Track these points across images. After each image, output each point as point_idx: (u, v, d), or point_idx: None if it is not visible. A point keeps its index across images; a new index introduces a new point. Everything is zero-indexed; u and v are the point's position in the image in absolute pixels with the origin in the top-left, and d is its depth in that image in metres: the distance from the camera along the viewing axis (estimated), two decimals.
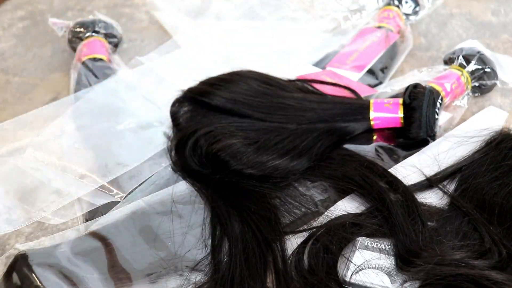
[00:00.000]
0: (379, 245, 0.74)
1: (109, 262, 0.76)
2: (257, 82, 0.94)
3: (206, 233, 0.79)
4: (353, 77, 1.01)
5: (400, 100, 0.89)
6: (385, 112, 0.89)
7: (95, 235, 0.79)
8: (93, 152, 0.93)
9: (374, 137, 0.92)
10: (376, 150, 0.89)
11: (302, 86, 0.98)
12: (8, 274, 0.75)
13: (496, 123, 0.90)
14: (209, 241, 0.78)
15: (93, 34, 1.08)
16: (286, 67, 1.04)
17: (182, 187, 0.86)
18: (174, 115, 0.95)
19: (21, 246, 0.78)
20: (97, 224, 0.82)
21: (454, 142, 0.88)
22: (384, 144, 0.90)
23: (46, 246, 0.78)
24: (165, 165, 0.90)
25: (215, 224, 0.80)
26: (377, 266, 0.71)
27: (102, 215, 0.83)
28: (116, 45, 1.11)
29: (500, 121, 0.92)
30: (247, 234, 0.77)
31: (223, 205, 0.82)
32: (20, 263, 0.75)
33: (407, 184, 0.81)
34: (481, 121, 0.92)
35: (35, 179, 0.88)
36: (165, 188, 0.86)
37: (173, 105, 0.96)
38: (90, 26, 1.09)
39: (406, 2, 1.11)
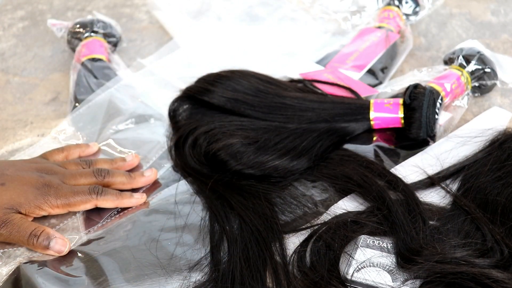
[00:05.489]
0: (380, 243, 0.74)
1: (110, 265, 0.76)
2: (257, 80, 0.94)
3: (205, 233, 0.79)
4: (353, 77, 1.01)
5: (400, 100, 0.89)
6: (385, 112, 0.90)
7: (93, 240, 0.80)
8: None
9: (374, 137, 0.92)
10: (376, 151, 0.89)
11: (303, 86, 0.98)
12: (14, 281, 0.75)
13: (500, 123, 0.90)
14: (208, 241, 0.78)
15: (92, 34, 1.08)
16: (287, 65, 1.04)
17: (183, 187, 0.86)
18: (172, 113, 0.95)
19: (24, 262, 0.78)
20: (96, 227, 0.82)
21: (457, 142, 0.88)
22: (384, 144, 0.90)
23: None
24: (167, 166, 0.90)
25: (214, 223, 0.80)
26: (378, 264, 0.72)
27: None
28: (115, 45, 1.11)
29: (504, 121, 0.92)
30: (246, 233, 0.77)
31: (221, 204, 0.82)
32: (24, 270, 0.75)
33: (408, 183, 0.81)
34: (486, 121, 0.92)
35: None
36: (166, 189, 0.87)
37: (172, 103, 0.96)
38: (88, 26, 1.08)
39: (406, 2, 1.11)
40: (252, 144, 0.87)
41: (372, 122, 0.90)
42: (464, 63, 0.96)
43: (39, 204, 0.80)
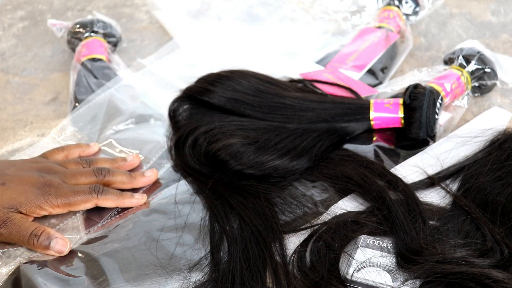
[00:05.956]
0: (380, 243, 0.74)
1: (110, 265, 0.76)
2: (257, 80, 0.94)
3: (205, 233, 0.79)
4: (353, 77, 1.01)
5: (400, 100, 0.89)
6: (385, 112, 0.90)
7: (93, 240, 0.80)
8: None
9: (374, 137, 0.92)
10: (376, 151, 0.89)
11: (303, 86, 0.98)
12: (14, 281, 0.75)
13: (500, 123, 0.90)
14: (208, 241, 0.78)
15: (92, 34, 1.08)
16: (287, 65, 1.05)
17: (183, 187, 0.86)
18: (172, 113, 0.95)
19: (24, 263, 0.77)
20: (96, 227, 0.82)
21: (457, 142, 0.88)
22: (384, 144, 0.90)
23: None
24: (167, 166, 0.90)
25: (214, 223, 0.80)
26: (378, 264, 0.72)
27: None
28: (115, 45, 1.11)
29: (504, 121, 0.92)
30: (246, 233, 0.77)
31: (221, 204, 0.82)
32: (24, 270, 0.75)
33: (407, 183, 0.81)
34: (486, 121, 0.92)
35: None
36: (166, 188, 0.87)
37: (172, 103, 0.96)
38: (88, 26, 1.08)
39: (406, 2, 1.11)
40: (252, 144, 0.87)
41: (372, 122, 0.90)
42: (464, 63, 0.96)
43: (39, 204, 0.80)
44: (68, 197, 0.81)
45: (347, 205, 0.81)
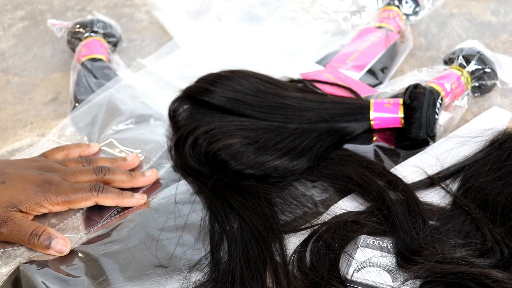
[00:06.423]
0: (381, 243, 0.74)
1: (110, 265, 0.76)
2: (257, 80, 0.95)
3: (205, 233, 0.79)
4: (353, 77, 1.01)
5: (400, 100, 0.89)
6: (385, 112, 0.90)
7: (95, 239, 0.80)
8: None
9: (374, 137, 0.92)
10: (376, 151, 0.89)
11: (303, 86, 0.98)
12: (14, 281, 0.75)
13: (500, 123, 0.90)
14: (208, 241, 0.78)
15: (92, 34, 1.08)
16: (287, 65, 1.05)
17: (183, 187, 0.86)
18: (172, 113, 0.95)
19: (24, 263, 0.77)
20: (96, 227, 0.82)
21: (457, 142, 0.88)
22: (384, 144, 0.90)
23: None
24: (167, 166, 0.90)
25: (214, 223, 0.80)
26: (378, 264, 0.72)
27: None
28: (115, 45, 1.11)
29: (504, 121, 0.92)
30: (246, 233, 0.77)
31: (221, 204, 0.82)
32: (24, 270, 0.75)
33: (407, 183, 0.81)
34: (486, 121, 0.92)
35: None
36: (166, 189, 0.87)
37: (172, 103, 0.96)
38: (88, 26, 1.08)
39: (406, 2, 1.11)
40: (252, 144, 0.87)
41: (372, 122, 0.90)
42: (464, 63, 0.96)
43: (39, 201, 0.80)
44: (68, 194, 0.81)
45: (347, 205, 0.81)
